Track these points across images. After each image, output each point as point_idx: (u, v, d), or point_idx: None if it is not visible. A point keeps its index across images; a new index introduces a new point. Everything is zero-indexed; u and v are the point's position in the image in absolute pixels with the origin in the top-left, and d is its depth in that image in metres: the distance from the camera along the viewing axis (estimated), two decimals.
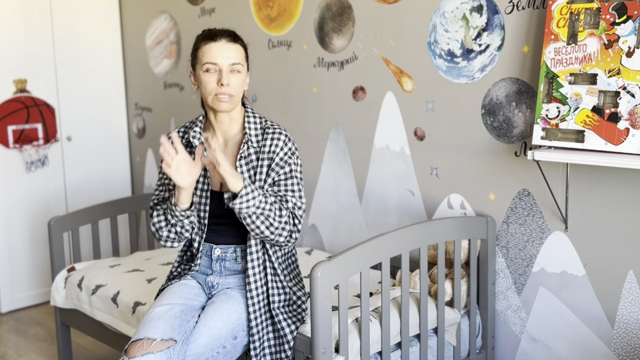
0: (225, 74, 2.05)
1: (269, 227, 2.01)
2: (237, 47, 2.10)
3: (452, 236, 2.37)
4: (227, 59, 2.06)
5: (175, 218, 2.06)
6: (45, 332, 3.59)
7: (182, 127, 2.24)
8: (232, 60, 2.07)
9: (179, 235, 2.11)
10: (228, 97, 2.06)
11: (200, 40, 2.11)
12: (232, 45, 2.08)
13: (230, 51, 2.07)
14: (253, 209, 1.98)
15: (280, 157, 2.10)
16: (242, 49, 2.12)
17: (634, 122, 2.02)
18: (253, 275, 2.09)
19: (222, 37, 2.08)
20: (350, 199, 3.05)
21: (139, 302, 2.59)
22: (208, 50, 2.06)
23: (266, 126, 2.15)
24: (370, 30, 2.86)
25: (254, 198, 1.97)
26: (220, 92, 2.05)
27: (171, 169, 1.95)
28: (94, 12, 4.16)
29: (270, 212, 2.01)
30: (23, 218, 3.93)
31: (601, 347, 2.31)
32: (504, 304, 2.55)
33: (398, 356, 2.25)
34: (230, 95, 2.06)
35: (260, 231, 2.01)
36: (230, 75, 2.06)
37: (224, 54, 2.06)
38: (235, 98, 2.09)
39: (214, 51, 2.06)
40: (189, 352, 1.97)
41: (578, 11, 2.14)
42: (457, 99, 2.60)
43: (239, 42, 2.12)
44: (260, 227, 2.00)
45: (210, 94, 2.07)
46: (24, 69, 3.87)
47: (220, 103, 2.06)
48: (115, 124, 4.30)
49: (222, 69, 2.05)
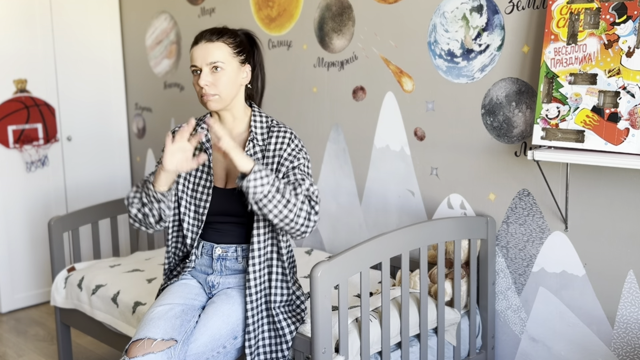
0: (203, 75, 2.05)
1: (286, 205, 1.92)
2: (218, 45, 2.07)
3: (452, 236, 2.37)
4: (204, 59, 2.05)
5: (148, 197, 2.04)
6: (45, 332, 3.59)
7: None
8: (209, 60, 2.05)
9: (145, 218, 2.08)
10: (212, 96, 2.06)
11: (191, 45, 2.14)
12: (210, 45, 2.06)
13: (207, 51, 2.06)
14: (268, 187, 1.90)
15: (289, 153, 2.09)
16: (224, 46, 2.08)
17: (634, 122, 2.02)
18: (253, 272, 2.09)
19: (203, 38, 2.08)
20: (350, 199, 3.05)
21: (139, 302, 2.59)
22: (192, 54, 2.09)
23: (272, 125, 2.15)
24: (370, 30, 2.86)
25: (267, 176, 1.91)
26: (202, 92, 2.07)
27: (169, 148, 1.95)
28: (94, 12, 4.16)
29: (285, 189, 1.94)
30: (23, 218, 3.93)
31: (601, 347, 2.31)
32: (504, 304, 2.55)
33: (398, 356, 2.25)
34: (214, 95, 2.06)
35: (278, 211, 1.92)
36: (212, 74, 2.06)
37: (201, 55, 2.06)
38: (222, 96, 2.07)
39: (195, 54, 2.08)
40: (189, 352, 1.97)
41: (578, 11, 2.14)
42: (457, 99, 2.60)
43: (222, 38, 2.08)
44: (278, 207, 1.92)
45: (199, 95, 2.09)
46: (24, 69, 3.87)
47: (207, 102, 2.07)
48: (115, 124, 4.30)
49: (201, 69, 2.06)
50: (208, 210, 2.14)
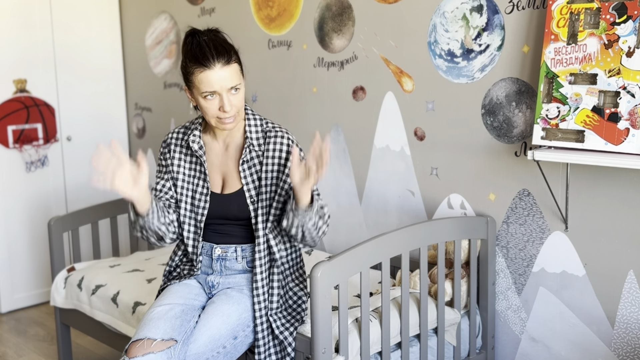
0: (225, 100, 1.97)
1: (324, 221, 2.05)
2: (233, 67, 1.99)
3: (452, 236, 2.37)
4: (225, 85, 1.97)
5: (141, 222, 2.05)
6: (45, 332, 3.59)
7: (182, 128, 2.22)
8: (231, 84, 1.98)
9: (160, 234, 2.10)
10: (232, 119, 2.02)
11: (193, 64, 1.97)
12: (227, 68, 1.97)
13: (226, 76, 1.96)
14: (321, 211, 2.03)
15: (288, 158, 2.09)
16: (237, 66, 2.01)
17: (634, 122, 2.02)
18: (260, 273, 2.09)
19: (216, 61, 1.95)
20: (350, 199, 3.05)
21: (139, 302, 2.59)
22: (205, 79, 1.95)
23: (267, 129, 2.13)
24: (370, 30, 2.86)
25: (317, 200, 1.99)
26: (224, 117, 2.01)
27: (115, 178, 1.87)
28: (94, 12, 4.16)
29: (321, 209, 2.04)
30: (23, 218, 3.93)
31: (601, 347, 2.31)
32: (504, 304, 2.55)
33: (398, 356, 2.25)
34: (234, 116, 2.03)
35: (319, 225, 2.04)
36: (231, 96, 2.00)
37: (221, 82, 1.96)
38: (239, 115, 2.06)
39: (211, 80, 1.95)
40: (189, 352, 1.97)
41: (578, 11, 2.14)
42: (457, 99, 2.60)
43: (232, 59, 2.00)
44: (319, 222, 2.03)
45: (213, 118, 2.02)
46: (24, 69, 3.87)
47: (225, 125, 2.02)
48: (115, 124, 4.30)
49: (221, 94, 1.98)
50: (206, 216, 2.14)
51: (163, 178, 2.20)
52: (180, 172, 2.17)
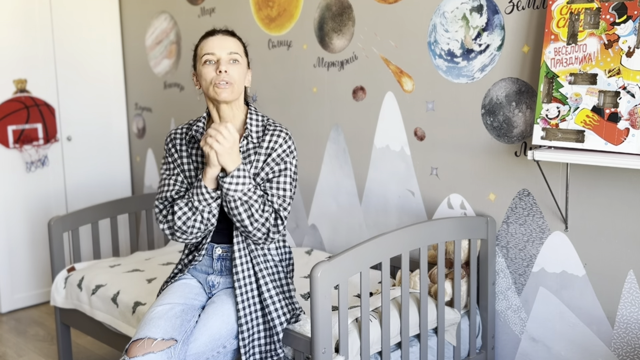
0: (223, 62, 2.07)
1: (249, 217, 2.01)
2: (235, 40, 2.14)
3: (452, 236, 2.37)
4: (225, 48, 2.09)
5: (205, 202, 2.04)
6: (45, 332, 3.59)
7: (186, 124, 2.23)
8: (230, 50, 2.09)
9: (206, 222, 2.07)
10: (227, 84, 2.05)
11: (200, 40, 2.15)
12: (229, 38, 2.13)
13: (227, 42, 2.11)
14: (240, 194, 1.99)
15: (278, 154, 2.10)
16: (240, 43, 2.16)
17: (634, 122, 2.02)
18: (240, 264, 2.09)
19: (220, 31, 2.14)
20: (350, 199, 3.05)
21: (139, 302, 2.59)
22: (206, 43, 2.10)
23: (267, 124, 2.15)
24: (370, 30, 2.86)
25: (244, 184, 2.00)
26: (219, 79, 2.05)
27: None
28: (94, 12, 4.16)
29: (256, 202, 2.01)
30: (23, 218, 3.93)
31: (601, 347, 2.31)
32: (504, 304, 2.55)
33: (398, 356, 2.25)
34: (229, 83, 2.06)
35: (241, 219, 2.01)
36: (229, 65, 2.08)
37: (221, 44, 2.09)
38: (235, 87, 2.08)
39: (211, 43, 2.10)
40: (189, 352, 1.97)
41: (578, 11, 2.14)
42: (457, 99, 2.60)
43: (237, 37, 2.17)
44: (242, 215, 2.00)
45: (210, 84, 2.07)
46: (24, 69, 3.87)
47: (220, 90, 2.05)
48: (115, 124, 4.30)
49: (220, 58, 2.07)
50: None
51: (173, 173, 2.18)
52: (186, 164, 2.18)
